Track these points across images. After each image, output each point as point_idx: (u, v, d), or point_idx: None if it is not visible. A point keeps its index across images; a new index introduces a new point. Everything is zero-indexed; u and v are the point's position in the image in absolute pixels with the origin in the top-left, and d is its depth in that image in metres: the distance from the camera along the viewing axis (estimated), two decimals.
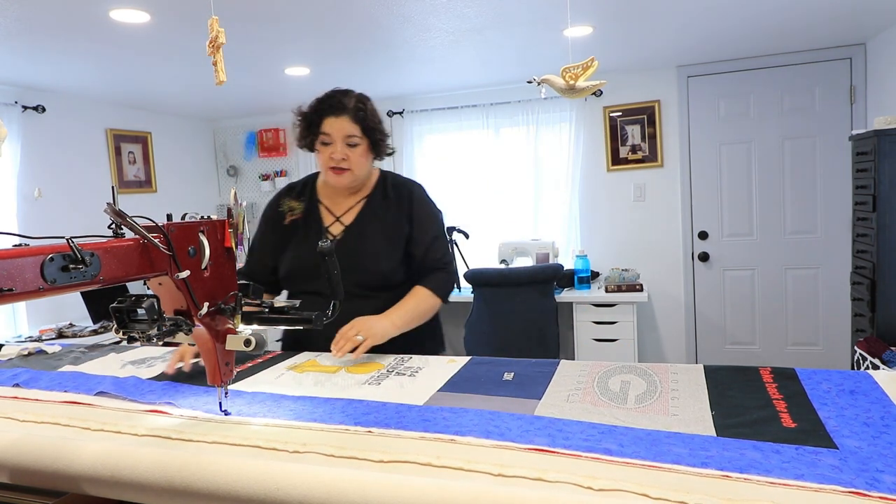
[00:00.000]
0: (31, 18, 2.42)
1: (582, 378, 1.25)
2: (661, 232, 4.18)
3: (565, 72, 2.04)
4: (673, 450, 0.88)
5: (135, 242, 0.93)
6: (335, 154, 1.60)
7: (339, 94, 1.62)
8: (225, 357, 1.08)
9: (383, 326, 1.51)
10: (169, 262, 0.97)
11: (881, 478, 0.78)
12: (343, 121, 1.58)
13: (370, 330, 1.46)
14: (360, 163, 1.63)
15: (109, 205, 0.90)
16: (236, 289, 1.10)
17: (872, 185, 2.83)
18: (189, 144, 4.86)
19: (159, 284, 1.01)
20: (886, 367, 2.59)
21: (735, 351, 4.14)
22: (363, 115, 1.60)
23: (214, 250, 1.06)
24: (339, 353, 1.41)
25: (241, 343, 1.05)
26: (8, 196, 3.38)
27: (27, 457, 1.01)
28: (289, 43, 3.00)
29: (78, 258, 0.83)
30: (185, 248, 1.01)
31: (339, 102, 1.59)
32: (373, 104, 1.66)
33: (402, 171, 4.60)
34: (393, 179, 1.77)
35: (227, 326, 1.08)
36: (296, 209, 1.72)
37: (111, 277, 0.89)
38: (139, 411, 1.16)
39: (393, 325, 1.53)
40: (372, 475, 0.86)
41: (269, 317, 1.12)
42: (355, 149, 1.61)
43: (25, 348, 1.76)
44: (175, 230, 0.99)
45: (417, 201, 1.71)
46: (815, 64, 3.79)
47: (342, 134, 1.59)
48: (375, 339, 1.46)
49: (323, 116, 1.60)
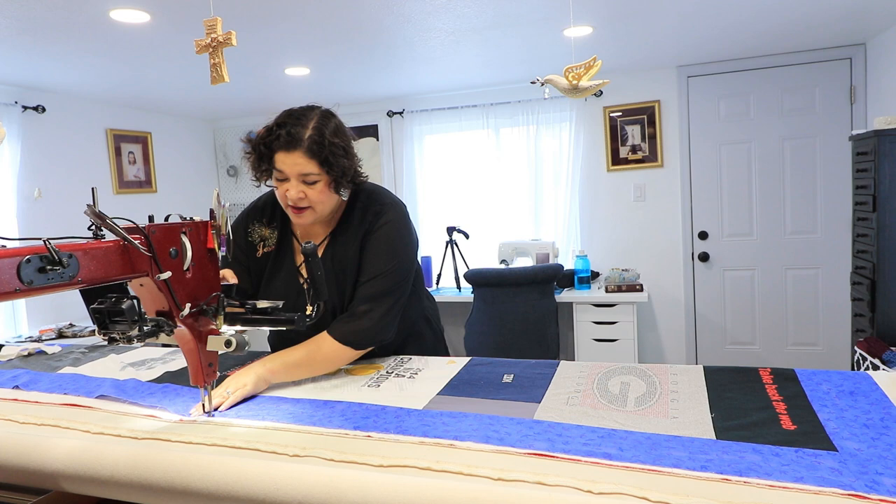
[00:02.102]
0: (31, 18, 2.41)
1: (581, 380, 1.25)
2: (661, 232, 4.18)
3: (568, 72, 2.04)
4: (672, 453, 0.88)
5: (115, 244, 0.94)
6: (290, 193, 1.35)
7: (292, 123, 1.34)
8: (208, 358, 1.09)
9: (253, 381, 1.25)
10: (150, 263, 0.98)
11: (881, 480, 0.78)
12: (296, 156, 1.32)
13: (237, 382, 1.24)
14: (320, 200, 1.38)
15: (89, 206, 0.91)
16: (220, 290, 1.10)
17: (872, 185, 2.83)
18: (189, 144, 4.85)
19: (141, 285, 1.01)
20: (886, 367, 2.59)
21: (735, 351, 4.14)
22: (319, 148, 1.32)
23: (197, 251, 1.06)
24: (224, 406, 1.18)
25: (222, 344, 1.06)
26: (8, 196, 3.38)
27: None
28: (289, 43, 3.00)
29: (55, 259, 0.84)
30: (167, 250, 1.01)
31: (290, 135, 1.32)
32: (336, 126, 1.38)
33: (403, 172, 4.61)
34: (365, 202, 1.49)
35: (210, 327, 1.09)
36: (268, 240, 1.52)
37: (90, 279, 0.90)
38: (139, 414, 1.16)
39: (262, 380, 1.28)
40: (372, 475, 0.86)
41: (251, 318, 1.12)
42: (314, 186, 1.35)
43: (25, 349, 1.76)
44: (156, 231, 0.99)
45: (376, 234, 1.45)
46: (815, 64, 3.79)
47: (296, 171, 1.33)
48: (244, 391, 1.22)
49: (274, 151, 1.34)
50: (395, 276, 1.44)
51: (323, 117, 1.37)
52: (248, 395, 1.23)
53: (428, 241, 4.58)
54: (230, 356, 1.59)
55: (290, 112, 1.38)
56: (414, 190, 4.61)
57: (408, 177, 4.60)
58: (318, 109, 1.40)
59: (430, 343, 1.71)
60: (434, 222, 4.57)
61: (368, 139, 4.75)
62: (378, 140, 4.72)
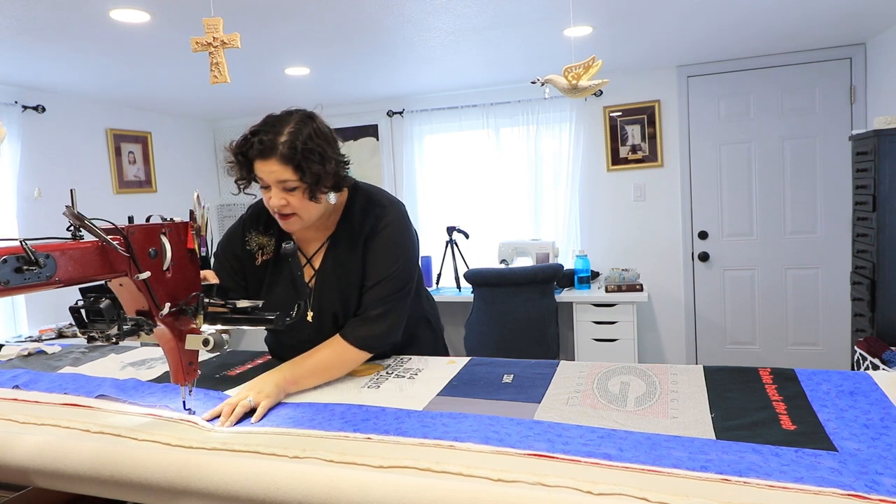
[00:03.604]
0: (32, 18, 2.41)
1: (581, 380, 1.25)
2: (661, 232, 4.18)
3: (567, 72, 2.04)
4: (672, 453, 0.88)
5: (93, 244, 0.95)
6: (272, 201, 1.34)
7: (266, 130, 1.31)
8: (188, 357, 1.10)
9: (275, 388, 1.22)
10: (128, 263, 0.99)
11: (881, 480, 0.78)
12: (272, 164, 1.29)
13: (260, 393, 1.18)
14: (304, 206, 1.34)
15: (68, 207, 0.92)
16: (200, 289, 1.12)
17: (872, 184, 2.83)
18: (189, 144, 4.85)
19: (120, 285, 1.03)
20: (886, 367, 2.59)
21: (735, 351, 4.14)
22: (293, 153, 1.27)
23: (177, 252, 1.08)
24: (228, 422, 1.11)
25: (200, 343, 1.07)
26: (8, 196, 3.38)
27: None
28: (289, 43, 3.00)
29: (31, 260, 0.85)
30: (147, 250, 1.03)
31: (263, 143, 1.29)
32: (313, 130, 1.32)
33: (402, 172, 4.61)
34: (364, 204, 1.47)
35: (190, 326, 1.10)
36: (266, 247, 1.49)
37: (68, 278, 0.91)
38: (139, 414, 1.16)
39: (286, 383, 1.25)
40: (372, 476, 0.86)
41: (231, 317, 1.12)
42: (294, 193, 1.32)
43: (25, 348, 1.76)
44: (136, 232, 1.01)
45: (378, 236, 1.43)
46: (815, 64, 3.79)
47: (273, 179, 1.31)
48: (269, 401, 1.18)
49: (251, 159, 1.32)
50: (401, 278, 1.43)
51: (300, 122, 1.32)
52: (271, 407, 1.18)
53: (428, 241, 4.58)
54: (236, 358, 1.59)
55: (266, 118, 1.35)
56: (414, 190, 4.61)
57: (408, 177, 4.60)
58: (296, 114, 1.36)
59: (431, 343, 1.71)
60: (434, 222, 4.57)
61: (368, 139, 4.75)
62: (378, 140, 4.72)
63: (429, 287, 4.21)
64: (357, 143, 4.78)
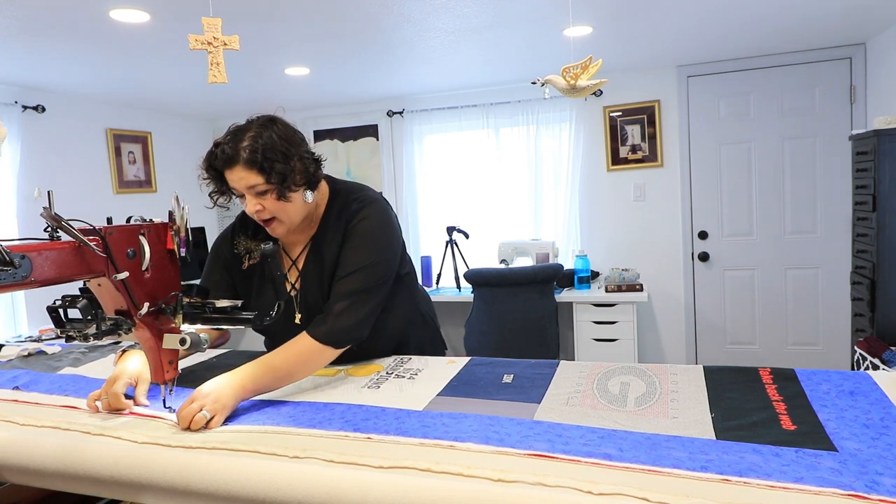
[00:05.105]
0: (31, 18, 2.41)
1: (581, 380, 1.25)
2: (661, 232, 4.18)
3: (565, 72, 2.05)
4: (672, 454, 0.88)
5: (70, 245, 0.96)
6: (248, 208, 1.36)
7: (228, 140, 1.32)
8: (168, 356, 1.11)
9: (232, 395, 1.15)
10: (106, 263, 1.00)
11: (881, 480, 0.78)
12: (238, 171, 1.31)
13: (216, 402, 1.11)
14: (280, 208, 1.35)
15: (45, 209, 0.93)
16: (179, 289, 1.13)
17: (872, 184, 2.83)
18: (189, 144, 4.85)
19: (99, 285, 1.04)
20: (886, 366, 2.59)
21: (735, 351, 4.14)
22: (254, 157, 1.29)
23: (156, 252, 1.09)
24: (191, 428, 1.08)
25: (177, 342, 1.08)
26: (8, 196, 3.38)
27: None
28: (289, 43, 3.00)
29: (6, 260, 0.86)
30: (125, 251, 1.04)
31: (225, 152, 1.31)
32: (274, 133, 1.33)
33: (402, 171, 4.61)
34: (343, 201, 1.46)
35: (170, 326, 1.11)
36: (254, 252, 1.50)
37: (44, 279, 0.92)
38: (139, 415, 1.16)
39: (243, 390, 1.18)
40: (372, 476, 0.86)
41: (210, 316, 1.13)
42: (266, 197, 1.33)
43: (25, 349, 1.76)
44: (114, 233, 1.02)
45: (354, 230, 1.42)
46: (815, 64, 3.79)
47: (243, 185, 1.32)
48: (225, 411, 1.12)
49: (219, 170, 1.35)
50: (373, 273, 1.39)
51: (259, 126, 1.34)
52: (230, 412, 1.13)
53: (428, 241, 4.58)
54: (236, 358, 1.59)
55: (229, 129, 1.36)
56: (414, 190, 4.60)
57: (408, 177, 4.60)
58: (257, 120, 1.37)
59: (428, 339, 1.70)
60: (434, 222, 4.57)
61: (368, 139, 4.75)
62: (378, 140, 4.72)
63: (428, 287, 4.21)
64: (357, 143, 4.78)
